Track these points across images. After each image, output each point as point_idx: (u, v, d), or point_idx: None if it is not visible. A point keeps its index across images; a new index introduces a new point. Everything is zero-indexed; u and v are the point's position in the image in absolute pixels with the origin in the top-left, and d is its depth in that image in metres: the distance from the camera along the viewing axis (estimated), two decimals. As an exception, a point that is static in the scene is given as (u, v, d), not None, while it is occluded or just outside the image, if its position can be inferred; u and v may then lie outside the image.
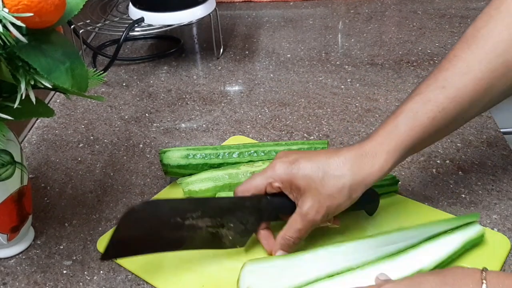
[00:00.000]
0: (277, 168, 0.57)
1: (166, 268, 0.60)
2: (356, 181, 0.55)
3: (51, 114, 0.56)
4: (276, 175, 0.57)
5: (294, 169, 0.56)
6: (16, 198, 0.59)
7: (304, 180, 0.55)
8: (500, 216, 0.65)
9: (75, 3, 0.52)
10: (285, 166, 0.57)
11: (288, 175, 0.56)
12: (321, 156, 0.57)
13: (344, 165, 0.55)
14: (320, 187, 0.55)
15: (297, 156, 0.57)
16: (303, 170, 0.56)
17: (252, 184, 0.59)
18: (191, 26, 1.22)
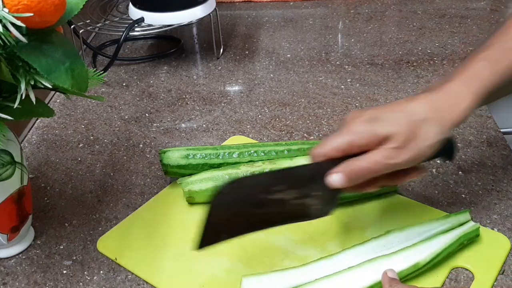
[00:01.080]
0: (357, 127, 0.53)
1: (166, 268, 0.60)
2: (444, 121, 0.53)
3: (51, 114, 0.56)
4: (358, 133, 0.53)
5: (375, 124, 0.53)
6: (16, 198, 0.59)
7: (389, 129, 0.52)
8: (500, 216, 0.65)
9: (75, 3, 0.52)
10: (365, 123, 0.53)
11: (370, 130, 0.52)
12: (401, 104, 0.54)
13: (429, 107, 0.53)
14: (407, 133, 0.52)
15: (374, 111, 0.54)
16: (386, 121, 0.53)
17: (331, 146, 0.53)
18: (191, 26, 1.22)
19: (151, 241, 0.63)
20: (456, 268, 0.58)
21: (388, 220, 0.64)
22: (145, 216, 0.67)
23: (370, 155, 0.52)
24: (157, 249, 0.62)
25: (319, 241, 0.63)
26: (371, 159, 0.52)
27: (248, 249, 0.62)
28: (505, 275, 0.58)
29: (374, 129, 0.52)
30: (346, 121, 0.55)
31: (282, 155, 0.71)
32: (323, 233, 0.64)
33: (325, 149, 0.53)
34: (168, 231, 0.65)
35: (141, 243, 0.63)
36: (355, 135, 0.53)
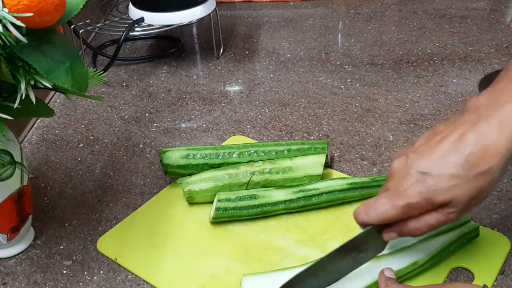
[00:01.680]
0: (411, 195, 0.47)
1: (166, 268, 0.60)
2: (505, 158, 0.46)
3: (51, 114, 0.56)
4: (413, 203, 0.47)
5: (430, 187, 0.47)
6: (16, 198, 0.59)
7: (448, 196, 0.47)
8: (500, 216, 0.65)
9: (75, 3, 0.52)
10: (418, 186, 0.47)
11: (426, 198, 0.47)
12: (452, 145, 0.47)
13: (483, 147, 0.46)
14: (468, 195, 0.46)
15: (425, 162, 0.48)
16: (442, 183, 0.46)
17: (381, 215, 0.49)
18: (191, 26, 1.22)
19: (151, 241, 0.63)
20: (456, 268, 0.58)
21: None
22: (145, 216, 0.67)
23: (426, 218, 0.48)
24: (157, 249, 0.62)
25: (319, 241, 0.63)
26: (427, 222, 0.48)
27: (248, 249, 0.62)
28: (505, 275, 0.58)
29: (430, 198, 0.47)
30: (394, 176, 0.50)
31: (282, 155, 0.71)
32: (323, 233, 0.64)
33: (374, 218, 0.49)
34: (168, 231, 0.65)
35: (141, 243, 0.63)
36: (409, 207, 0.48)
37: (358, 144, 0.79)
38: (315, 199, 0.66)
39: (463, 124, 0.47)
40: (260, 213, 0.65)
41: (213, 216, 0.64)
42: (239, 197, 0.65)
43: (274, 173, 0.68)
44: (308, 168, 0.69)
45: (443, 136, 0.48)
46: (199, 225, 0.66)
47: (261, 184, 0.68)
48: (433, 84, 0.94)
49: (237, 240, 0.63)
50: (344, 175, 0.73)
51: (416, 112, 0.86)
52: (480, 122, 0.47)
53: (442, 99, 0.89)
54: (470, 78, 0.95)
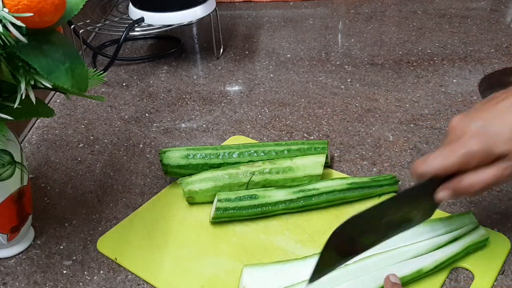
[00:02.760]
0: (468, 143, 0.48)
1: (166, 268, 0.60)
2: None
3: (51, 114, 0.56)
4: (470, 152, 0.48)
5: (489, 139, 0.48)
6: (16, 198, 0.59)
7: (506, 148, 0.47)
8: (500, 216, 0.65)
9: (75, 3, 0.52)
10: (477, 138, 0.48)
11: (485, 149, 0.48)
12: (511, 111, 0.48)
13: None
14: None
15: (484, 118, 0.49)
16: (501, 135, 0.47)
17: (440, 165, 0.49)
18: (191, 26, 1.22)
19: (151, 241, 0.63)
20: (456, 268, 0.58)
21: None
22: (145, 216, 0.67)
23: (483, 173, 0.49)
24: (157, 249, 0.62)
25: (319, 241, 0.63)
26: (483, 177, 0.49)
27: (248, 249, 0.62)
28: (505, 275, 0.58)
29: (490, 148, 0.47)
30: (453, 131, 0.50)
31: (282, 155, 0.71)
32: (323, 233, 0.64)
33: (434, 168, 0.49)
34: (168, 231, 0.65)
35: (141, 243, 0.63)
36: (468, 155, 0.48)
37: (358, 144, 0.79)
38: (315, 199, 0.66)
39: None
40: (260, 213, 0.65)
41: (213, 216, 0.64)
42: (239, 197, 0.65)
43: (274, 173, 0.68)
44: (308, 168, 0.69)
45: (503, 97, 0.49)
46: (199, 225, 0.66)
47: (261, 184, 0.68)
48: (433, 84, 0.94)
49: (237, 240, 0.63)
50: (344, 175, 0.73)
51: (416, 112, 0.86)
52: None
53: (442, 99, 0.89)
54: (470, 78, 0.95)
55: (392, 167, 0.74)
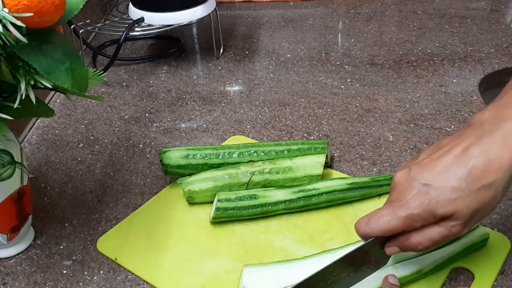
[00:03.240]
0: (413, 206, 0.47)
1: (166, 268, 0.60)
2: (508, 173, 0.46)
3: (51, 114, 0.56)
4: (414, 215, 0.47)
5: (432, 199, 0.46)
6: (16, 198, 0.59)
7: (450, 209, 0.46)
8: (500, 216, 0.65)
9: (75, 3, 0.52)
10: (420, 198, 0.47)
11: (427, 210, 0.47)
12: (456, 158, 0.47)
13: (488, 161, 0.46)
14: (471, 208, 0.46)
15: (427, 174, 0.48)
16: (444, 195, 0.46)
17: (382, 227, 0.49)
18: (191, 26, 1.22)
19: (151, 241, 0.63)
20: (456, 268, 0.58)
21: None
22: (145, 216, 0.67)
23: (429, 232, 0.48)
24: (157, 249, 0.62)
25: (319, 241, 0.63)
26: (429, 236, 0.48)
27: (248, 249, 0.62)
28: (505, 275, 0.58)
29: (432, 210, 0.47)
30: (396, 189, 0.50)
31: (282, 155, 0.71)
32: (323, 233, 0.64)
33: (377, 230, 0.49)
34: (168, 231, 0.65)
35: (141, 243, 0.63)
36: (411, 218, 0.47)
37: (358, 144, 0.79)
38: (315, 199, 0.66)
39: (467, 138, 0.48)
40: (260, 213, 0.65)
41: (213, 216, 0.64)
42: (239, 197, 0.65)
43: (274, 173, 0.68)
44: (308, 168, 0.69)
45: (447, 149, 0.48)
46: (199, 225, 0.66)
47: (261, 184, 0.68)
48: (433, 84, 0.94)
49: (237, 240, 0.63)
50: (344, 175, 0.73)
51: (416, 112, 0.86)
52: (484, 137, 0.47)
53: (442, 99, 0.89)
54: (470, 78, 0.95)
55: (392, 167, 0.74)
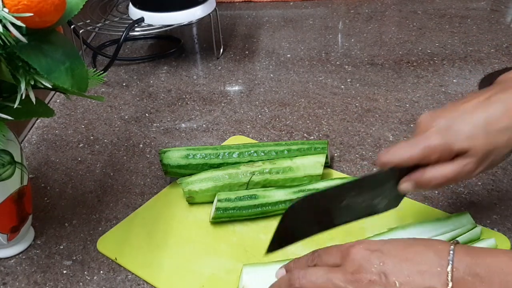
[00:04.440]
0: (431, 138, 0.50)
1: (166, 268, 0.60)
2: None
3: (51, 114, 0.56)
4: (432, 146, 0.49)
5: (450, 136, 0.49)
6: (16, 198, 0.59)
7: (466, 145, 0.49)
8: (500, 216, 0.65)
9: (75, 3, 0.52)
10: (439, 134, 0.50)
11: (445, 144, 0.49)
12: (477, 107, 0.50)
13: (506, 112, 0.48)
14: (485, 147, 0.49)
15: (450, 116, 0.50)
16: (462, 133, 0.49)
17: (402, 155, 0.51)
18: (191, 26, 1.22)
19: (151, 241, 0.63)
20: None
21: (388, 220, 0.64)
22: (145, 216, 0.67)
23: (443, 168, 0.50)
24: (157, 249, 0.62)
25: (319, 241, 0.63)
26: (444, 172, 0.50)
27: (248, 249, 0.62)
28: (505, 275, 0.57)
29: (450, 143, 0.49)
30: (419, 126, 0.52)
31: (282, 155, 0.71)
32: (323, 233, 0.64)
33: (396, 158, 0.51)
34: (168, 231, 0.65)
35: (141, 243, 0.63)
36: (429, 148, 0.50)
37: (358, 144, 0.79)
38: (315, 199, 0.66)
39: (490, 90, 0.51)
40: (260, 213, 0.65)
41: (213, 216, 0.64)
42: (239, 197, 0.65)
43: (274, 173, 0.68)
44: (308, 168, 0.69)
45: (471, 97, 0.51)
46: (199, 225, 0.66)
47: (261, 184, 0.68)
48: (433, 84, 0.94)
49: (237, 240, 0.63)
50: (344, 175, 0.73)
51: (416, 112, 0.86)
52: (506, 89, 0.50)
53: (442, 99, 0.89)
54: (470, 78, 0.95)
55: (392, 167, 0.74)
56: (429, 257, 0.42)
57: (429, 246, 0.43)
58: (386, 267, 0.43)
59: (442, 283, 0.41)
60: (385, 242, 0.45)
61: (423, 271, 0.42)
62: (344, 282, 0.43)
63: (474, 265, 0.41)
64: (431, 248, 0.43)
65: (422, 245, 0.44)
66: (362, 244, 0.45)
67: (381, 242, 0.46)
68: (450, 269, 0.41)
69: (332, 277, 0.44)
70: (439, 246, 0.43)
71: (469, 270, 0.41)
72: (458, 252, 0.42)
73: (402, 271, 0.42)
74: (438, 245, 0.43)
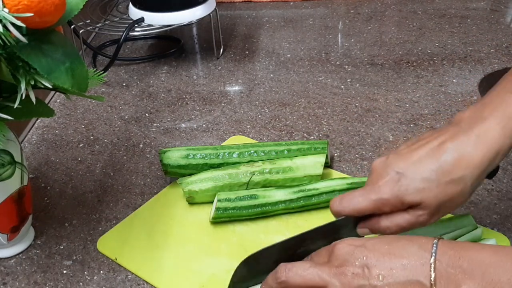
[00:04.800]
0: (383, 190, 0.49)
1: (166, 268, 0.60)
2: (480, 170, 0.48)
3: (51, 114, 0.56)
4: (385, 199, 0.49)
5: (403, 187, 0.48)
6: (16, 198, 0.59)
7: (418, 197, 0.48)
8: (500, 216, 0.65)
9: (75, 3, 0.52)
10: (392, 185, 0.49)
11: (397, 196, 0.49)
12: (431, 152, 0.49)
13: (460, 157, 0.47)
14: (438, 200, 0.48)
15: (402, 164, 0.49)
16: (414, 184, 0.48)
17: (354, 206, 0.51)
18: (191, 26, 1.22)
19: (151, 241, 0.63)
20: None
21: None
22: (145, 216, 0.67)
23: (397, 218, 0.50)
24: (157, 249, 0.62)
25: (319, 241, 0.63)
26: (397, 222, 0.50)
27: (248, 249, 0.62)
28: (505, 275, 0.57)
29: (401, 196, 0.49)
30: (372, 173, 0.52)
31: (282, 155, 0.71)
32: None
33: (349, 209, 0.51)
34: (168, 231, 0.65)
35: (141, 243, 0.63)
36: (381, 201, 0.49)
37: (358, 144, 0.79)
38: (315, 199, 0.66)
39: (445, 134, 0.50)
40: (260, 213, 0.65)
41: (213, 216, 0.64)
42: (239, 197, 0.65)
43: (274, 173, 0.68)
44: (308, 168, 0.69)
45: (425, 142, 0.50)
46: (199, 225, 0.66)
47: (261, 184, 0.68)
48: (433, 84, 0.94)
49: (237, 240, 0.63)
50: (344, 175, 0.73)
51: (416, 112, 0.86)
52: (460, 134, 0.49)
53: (442, 99, 0.89)
54: (470, 78, 0.95)
55: (392, 167, 0.74)
56: (412, 251, 0.42)
57: (413, 241, 0.44)
58: (369, 260, 0.43)
59: (425, 275, 0.41)
60: (370, 238, 0.46)
61: (406, 264, 0.42)
62: (329, 275, 0.44)
63: (457, 258, 0.41)
64: (415, 242, 0.43)
65: (406, 240, 0.44)
66: (347, 241, 0.46)
67: (366, 238, 0.46)
68: (433, 261, 0.41)
69: (317, 270, 0.44)
70: (423, 240, 0.43)
71: (452, 263, 0.41)
72: (441, 245, 0.42)
73: (385, 264, 0.42)
74: (422, 239, 0.43)
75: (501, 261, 0.40)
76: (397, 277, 0.42)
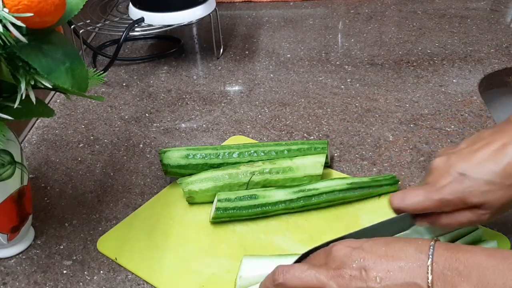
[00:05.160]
0: (447, 191, 0.50)
1: (166, 268, 0.60)
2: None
3: (51, 114, 0.56)
4: (447, 200, 0.50)
5: (466, 188, 0.49)
6: (16, 198, 0.59)
7: (482, 199, 0.49)
8: (500, 217, 0.65)
9: (75, 3, 0.52)
10: (455, 185, 0.50)
11: (461, 197, 0.50)
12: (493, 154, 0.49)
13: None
14: (501, 202, 0.49)
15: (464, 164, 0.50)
16: (477, 186, 0.49)
17: (416, 204, 0.52)
18: (191, 26, 1.22)
19: (151, 241, 0.63)
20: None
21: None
22: (145, 216, 0.67)
23: (459, 216, 0.51)
24: (157, 249, 0.62)
25: (319, 241, 0.62)
26: (459, 219, 0.51)
27: (248, 249, 0.62)
28: (505, 275, 0.57)
29: (465, 197, 0.49)
30: (434, 172, 0.52)
31: (282, 155, 0.71)
32: (323, 233, 0.64)
33: (409, 206, 0.52)
34: (168, 231, 0.65)
35: (141, 243, 0.63)
36: (443, 201, 0.50)
37: (358, 144, 0.79)
38: (315, 199, 0.66)
39: (505, 136, 0.50)
40: (260, 213, 0.65)
41: (213, 216, 0.64)
42: (239, 197, 0.65)
43: (274, 173, 0.68)
44: (308, 168, 0.69)
45: (486, 143, 0.51)
46: (199, 225, 0.66)
47: (261, 184, 0.68)
48: (433, 84, 0.94)
49: (237, 240, 0.63)
50: (344, 175, 0.73)
51: (416, 112, 0.86)
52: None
53: (442, 99, 0.89)
54: (470, 78, 0.95)
55: (392, 167, 0.74)
56: (409, 253, 0.43)
57: (410, 243, 0.44)
58: (366, 262, 0.43)
59: (422, 277, 0.41)
60: (367, 240, 0.46)
61: (403, 266, 0.42)
62: (326, 277, 0.44)
63: (453, 260, 0.41)
64: (412, 244, 0.44)
65: (403, 242, 0.44)
66: (344, 242, 0.46)
67: (363, 240, 0.46)
68: (430, 263, 0.41)
69: (315, 273, 0.45)
70: (420, 242, 0.44)
71: (448, 265, 0.41)
72: (438, 247, 0.42)
73: (383, 267, 0.43)
74: (419, 241, 0.44)
75: (498, 264, 0.40)
76: (394, 279, 0.42)
